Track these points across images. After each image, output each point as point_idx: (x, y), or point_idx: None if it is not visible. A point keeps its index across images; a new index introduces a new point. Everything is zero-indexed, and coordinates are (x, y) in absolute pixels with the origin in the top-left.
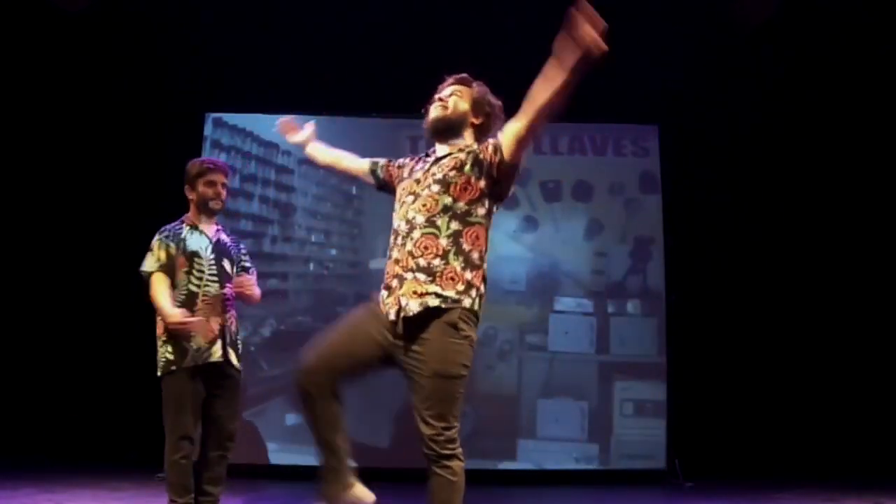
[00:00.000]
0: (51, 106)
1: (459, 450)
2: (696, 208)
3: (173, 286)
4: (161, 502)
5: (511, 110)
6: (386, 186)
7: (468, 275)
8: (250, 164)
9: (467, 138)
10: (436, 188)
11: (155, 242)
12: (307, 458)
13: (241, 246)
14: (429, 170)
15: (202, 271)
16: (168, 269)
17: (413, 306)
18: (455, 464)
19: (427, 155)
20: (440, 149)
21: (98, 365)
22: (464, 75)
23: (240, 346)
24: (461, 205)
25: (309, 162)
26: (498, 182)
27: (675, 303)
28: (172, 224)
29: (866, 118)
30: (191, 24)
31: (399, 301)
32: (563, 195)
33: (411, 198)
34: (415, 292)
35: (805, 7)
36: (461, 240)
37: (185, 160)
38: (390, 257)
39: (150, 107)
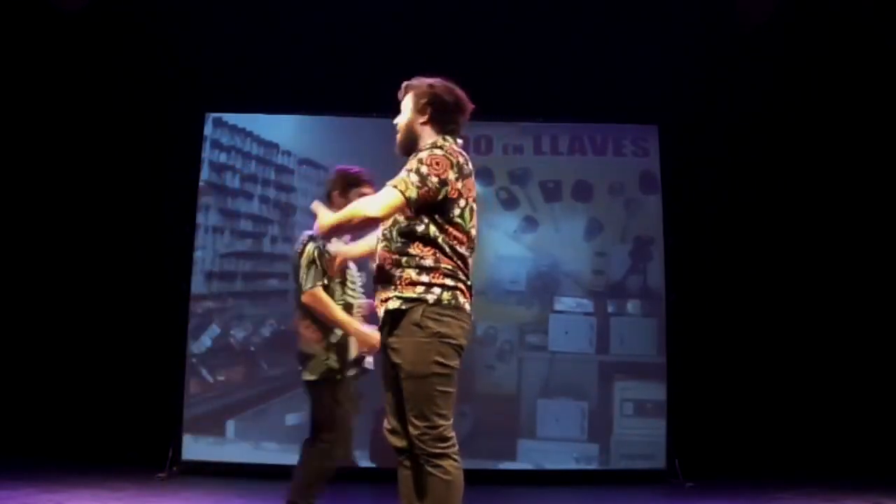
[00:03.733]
0: (51, 106)
1: (453, 449)
2: (696, 208)
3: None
4: (161, 502)
5: (507, 110)
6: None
7: (424, 278)
8: (250, 164)
9: (426, 138)
10: None
11: (314, 252)
12: None
13: None
14: None
15: (354, 282)
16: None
17: (381, 313)
18: (447, 463)
19: None
20: None
21: (98, 365)
22: (405, 84)
23: None
24: (402, 220)
25: (309, 163)
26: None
27: (675, 303)
28: (313, 231)
29: (867, 118)
30: (191, 23)
31: (377, 310)
32: (563, 195)
33: None
34: (382, 300)
35: (805, 6)
36: (409, 249)
37: (185, 160)
38: None
39: (150, 107)
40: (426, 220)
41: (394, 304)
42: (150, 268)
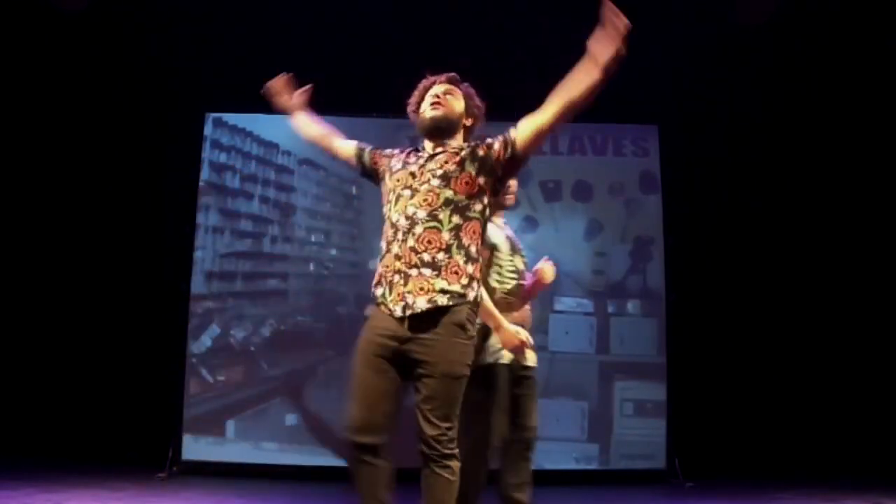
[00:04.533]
0: (51, 106)
1: (457, 449)
2: (696, 208)
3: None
4: (161, 502)
5: (507, 110)
6: (371, 174)
7: (469, 268)
8: (250, 164)
9: (458, 139)
10: (436, 182)
11: None
12: (307, 458)
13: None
14: (424, 165)
15: (501, 266)
16: None
17: (421, 303)
18: (454, 463)
19: (416, 150)
20: (430, 146)
21: (99, 365)
22: (453, 74)
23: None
24: (462, 198)
25: (309, 163)
26: (501, 178)
27: (675, 303)
28: None
29: (868, 118)
30: (191, 24)
31: (405, 298)
32: (563, 195)
33: (408, 192)
34: (421, 289)
35: (806, 6)
36: (461, 234)
37: (185, 160)
38: (388, 252)
39: (150, 107)
40: (485, 200)
41: (442, 301)
42: (150, 268)
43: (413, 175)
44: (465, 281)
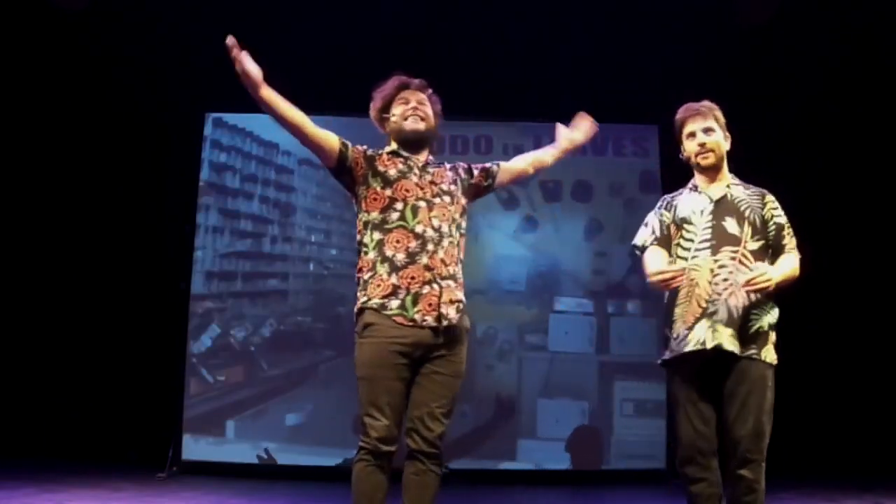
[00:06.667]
0: (50, 106)
1: None
2: None
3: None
4: (161, 502)
5: (511, 109)
6: (349, 172)
7: (461, 276)
8: (250, 164)
9: (432, 146)
10: (446, 199)
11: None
12: (307, 458)
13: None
14: (422, 177)
15: (692, 239)
16: (664, 241)
17: (453, 313)
18: (442, 460)
19: (396, 154)
20: (413, 157)
21: (99, 365)
22: (424, 81)
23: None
24: (458, 217)
25: (309, 163)
26: (473, 200)
27: None
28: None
29: (869, 118)
30: (191, 23)
31: (439, 308)
32: (563, 195)
33: (424, 203)
34: (451, 300)
35: (807, 6)
36: (462, 249)
37: (185, 160)
38: (414, 262)
39: (150, 107)
40: (467, 215)
41: (461, 308)
42: (150, 268)
43: (420, 187)
44: (464, 290)
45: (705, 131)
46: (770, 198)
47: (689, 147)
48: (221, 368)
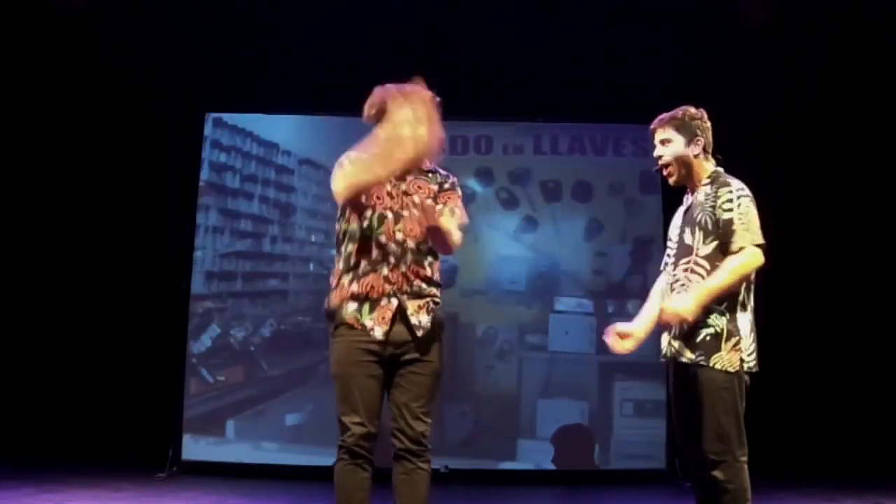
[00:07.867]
0: (50, 106)
1: None
2: None
3: None
4: (161, 502)
5: (511, 109)
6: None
7: (435, 291)
8: (250, 164)
9: None
10: (416, 212)
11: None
12: (307, 457)
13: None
14: (396, 185)
15: (669, 254)
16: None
17: (425, 320)
18: (429, 456)
19: None
20: None
21: (99, 365)
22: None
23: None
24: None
25: (309, 163)
26: None
27: None
28: None
29: (870, 118)
30: (191, 23)
31: (392, 323)
32: (563, 195)
33: (391, 214)
34: (419, 307)
35: (808, 6)
36: (435, 267)
37: (185, 160)
38: (374, 271)
39: (150, 107)
40: None
41: (431, 310)
42: (151, 268)
43: (391, 196)
44: (437, 286)
45: (662, 143)
46: (724, 192)
47: None
48: (221, 368)
